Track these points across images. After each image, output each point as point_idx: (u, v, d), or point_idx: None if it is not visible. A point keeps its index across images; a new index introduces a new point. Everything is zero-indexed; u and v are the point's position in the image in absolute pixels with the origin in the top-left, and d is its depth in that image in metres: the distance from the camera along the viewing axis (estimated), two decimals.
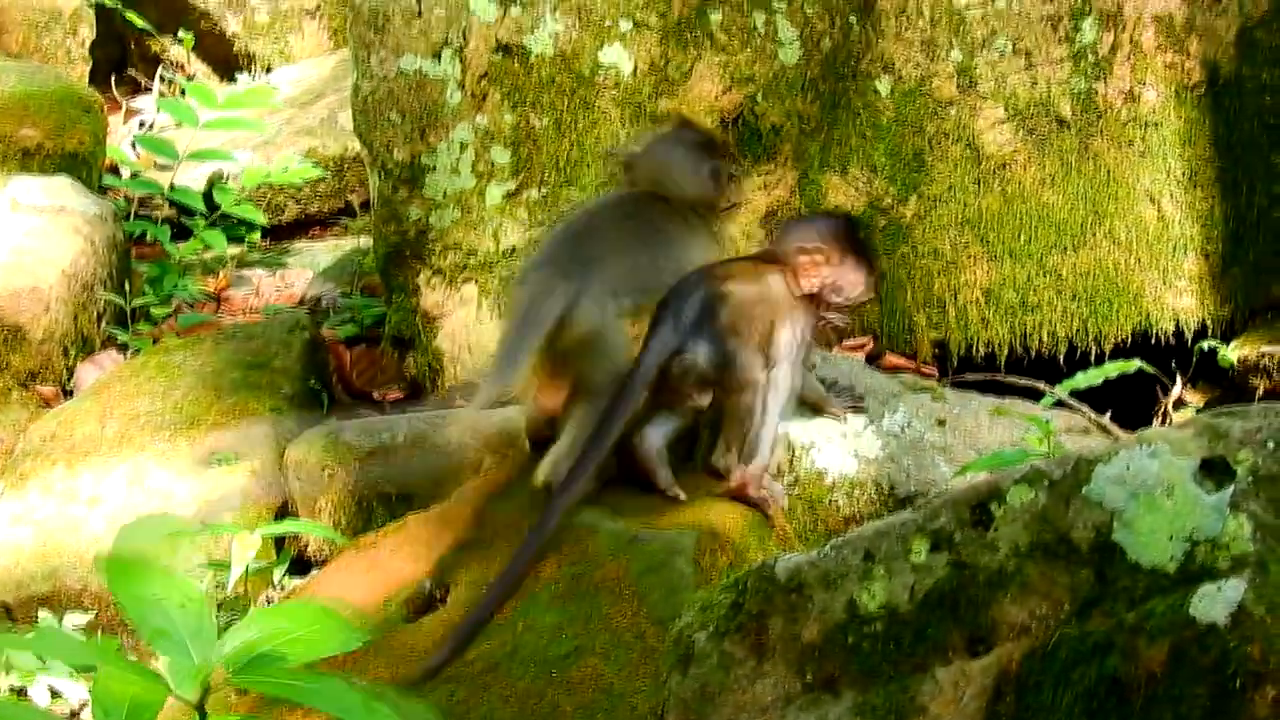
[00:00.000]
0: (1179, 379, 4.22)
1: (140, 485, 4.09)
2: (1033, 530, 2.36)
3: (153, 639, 2.54)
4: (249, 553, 3.75)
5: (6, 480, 4.22)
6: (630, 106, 4.29)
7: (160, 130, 6.27)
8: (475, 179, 4.33)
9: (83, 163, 5.51)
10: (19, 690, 3.56)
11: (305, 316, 4.73)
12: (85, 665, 3.38)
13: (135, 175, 5.81)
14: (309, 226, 6.09)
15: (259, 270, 5.55)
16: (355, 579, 3.56)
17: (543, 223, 4.31)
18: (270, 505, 4.10)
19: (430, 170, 4.33)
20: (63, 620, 3.88)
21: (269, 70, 7.01)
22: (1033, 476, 2.39)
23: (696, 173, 3.72)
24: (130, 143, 6.20)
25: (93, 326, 4.83)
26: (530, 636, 3.22)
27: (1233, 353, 4.13)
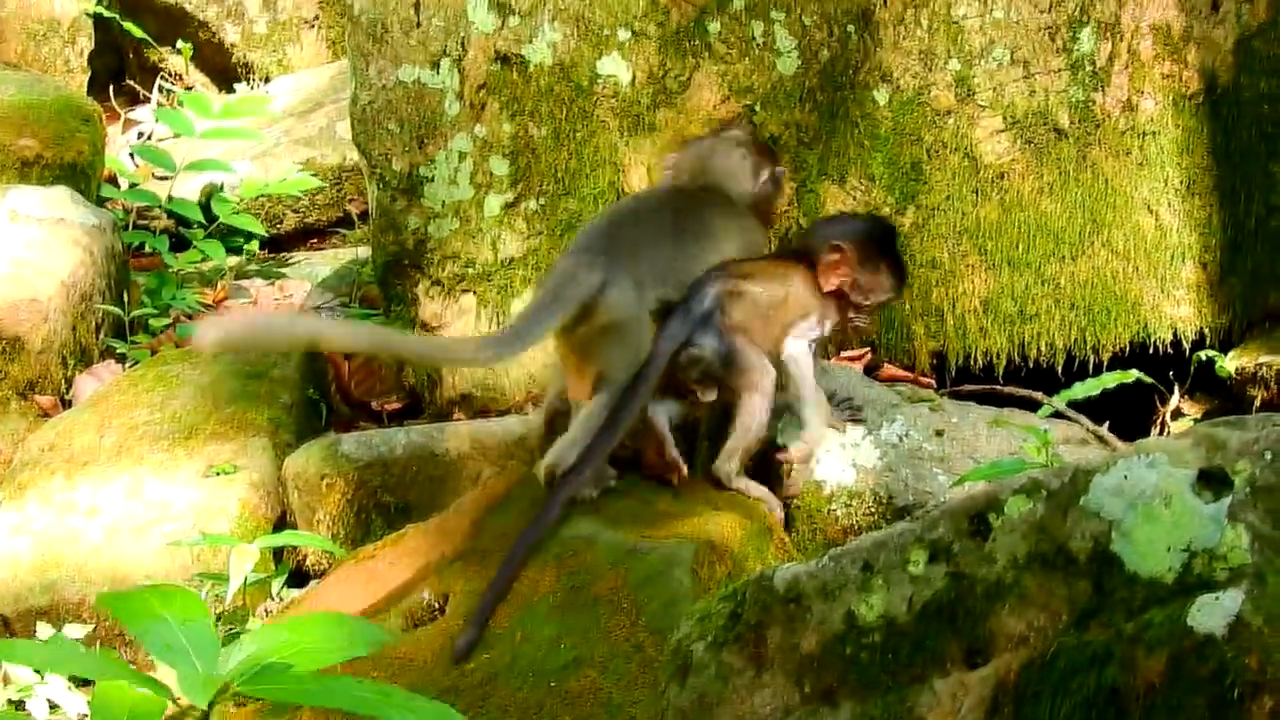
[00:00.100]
0: (1177, 389, 4.22)
1: (138, 496, 4.09)
2: (1031, 541, 2.35)
3: (160, 655, 2.54)
4: (247, 564, 3.74)
5: (4, 491, 4.22)
6: (628, 116, 4.28)
7: (159, 141, 6.28)
8: (474, 189, 4.33)
9: (81, 173, 5.51)
10: (17, 703, 3.56)
11: None
12: (86, 676, 3.37)
13: (133, 186, 5.82)
14: (307, 237, 6.10)
15: (257, 281, 5.55)
16: (354, 590, 3.56)
17: (541, 233, 4.32)
18: (268, 516, 4.09)
19: (429, 180, 4.33)
20: (61, 633, 3.87)
21: (267, 80, 7.01)
22: (1030, 487, 2.39)
23: (757, 175, 3.80)
24: (129, 153, 6.20)
25: (91, 337, 4.82)
26: (528, 648, 3.22)
27: (1230, 363, 4.12)
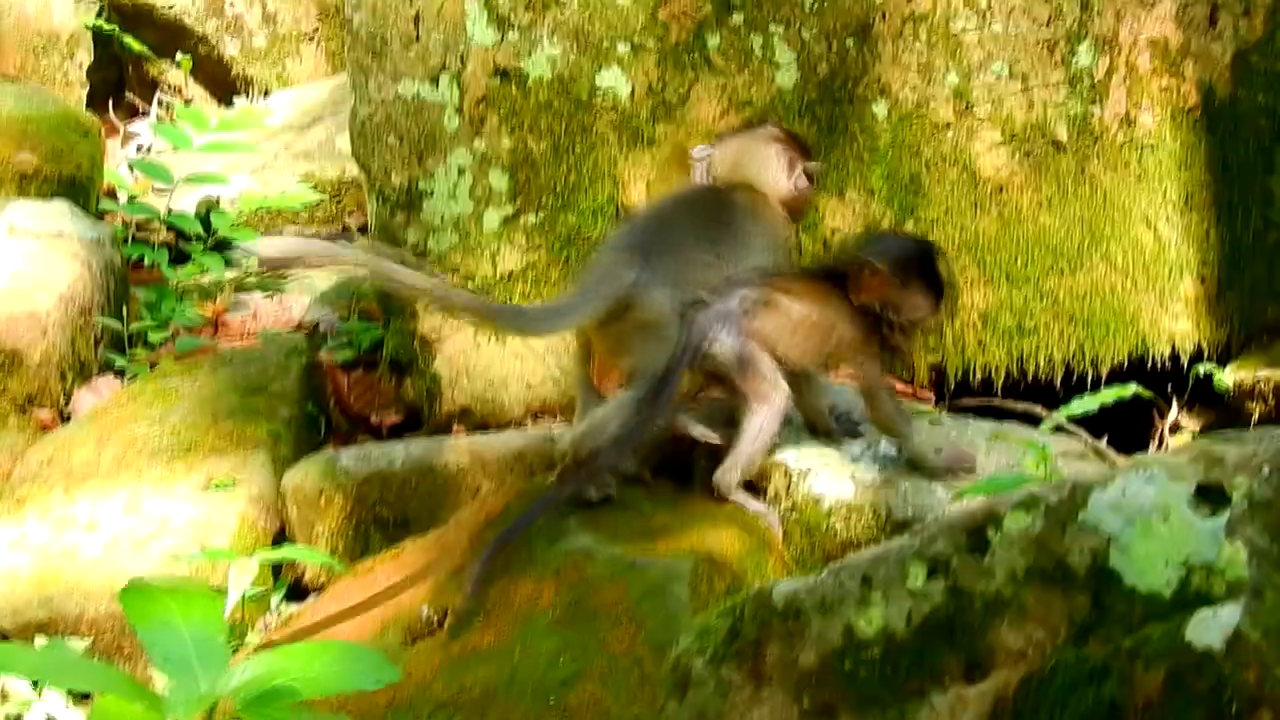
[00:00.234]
0: (1175, 403, 4.22)
1: (137, 511, 4.08)
2: (1029, 556, 2.35)
3: (161, 664, 2.54)
4: (246, 579, 3.74)
5: (3, 505, 4.21)
6: (628, 130, 4.29)
7: (158, 154, 6.28)
8: (473, 203, 4.33)
9: (80, 187, 5.51)
10: (16, 718, 3.55)
11: (303, 341, 4.74)
12: (83, 687, 3.37)
13: (133, 199, 5.82)
14: None
15: (256, 295, 5.54)
16: (352, 605, 3.56)
17: (540, 247, 4.32)
18: (268, 530, 4.09)
19: (428, 195, 4.33)
20: (58, 639, 3.87)
21: (267, 94, 7.02)
22: (1029, 502, 2.38)
23: (792, 172, 3.80)
24: (127, 167, 6.20)
25: (90, 351, 4.82)
26: (528, 662, 3.22)
27: (1229, 377, 4.13)
